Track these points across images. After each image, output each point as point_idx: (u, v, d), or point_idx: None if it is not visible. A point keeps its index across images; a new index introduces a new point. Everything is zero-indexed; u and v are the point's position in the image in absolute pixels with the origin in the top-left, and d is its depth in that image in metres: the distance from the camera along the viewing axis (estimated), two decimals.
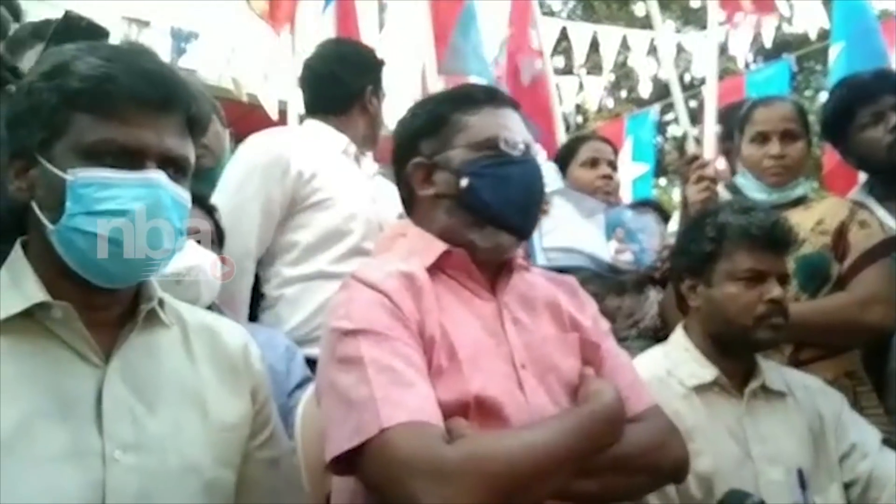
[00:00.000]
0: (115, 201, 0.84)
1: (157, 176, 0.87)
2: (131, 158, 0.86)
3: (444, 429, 0.89)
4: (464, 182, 1.07)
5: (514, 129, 1.11)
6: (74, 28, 1.17)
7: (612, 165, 2.16)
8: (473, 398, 0.96)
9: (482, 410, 0.96)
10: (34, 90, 0.87)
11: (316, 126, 1.96)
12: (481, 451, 0.87)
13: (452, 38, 3.02)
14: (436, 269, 1.07)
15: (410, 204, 1.17)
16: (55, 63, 0.88)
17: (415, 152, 1.12)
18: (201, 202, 1.53)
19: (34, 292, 0.86)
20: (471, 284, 1.09)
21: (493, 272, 1.11)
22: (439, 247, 1.08)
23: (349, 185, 1.87)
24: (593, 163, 2.11)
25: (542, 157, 1.51)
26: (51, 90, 0.86)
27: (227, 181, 1.81)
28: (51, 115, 0.86)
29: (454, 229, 1.09)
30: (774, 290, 1.34)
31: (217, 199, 1.70)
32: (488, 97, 1.13)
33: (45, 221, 0.86)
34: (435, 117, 1.12)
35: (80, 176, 0.85)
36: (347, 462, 0.89)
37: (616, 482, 0.96)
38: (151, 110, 0.88)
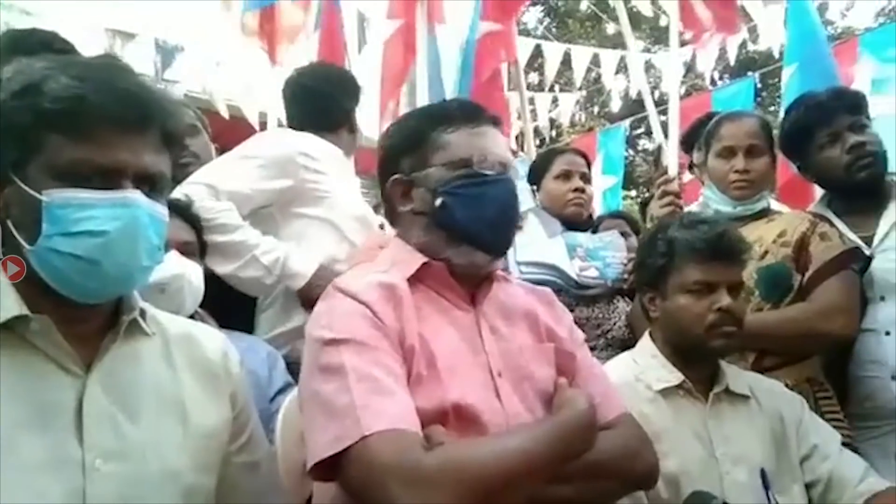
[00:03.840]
0: (93, 222, 0.84)
1: (134, 195, 0.87)
2: (107, 178, 0.86)
3: (423, 436, 0.92)
4: (438, 201, 1.09)
5: (489, 147, 1.11)
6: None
7: (585, 178, 2.17)
8: (451, 406, 0.98)
9: (460, 418, 0.98)
10: (5, 109, 0.85)
11: (310, 135, 2.02)
12: (458, 457, 0.89)
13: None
14: (415, 280, 1.09)
15: (393, 218, 1.19)
16: (26, 82, 0.85)
17: (395, 169, 1.14)
18: (185, 213, 1.54)
19: (12, 306, 0.86)
20: (450, 295, 1.11)
21: (473, 283, 1.14)
22: (419, 259, 1.10)
23: (347, 185, 1.97)
24: (566, 176, 2.12)
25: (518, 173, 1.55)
26: (22, 110, 0.84)
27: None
28: (23, 136, 0.84)
29: (431, 246, 1.11)
30: (724, 300, 1.38)
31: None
32: (465, 115, 1.14)
33: (22, 241, 0.85)
34: (414, 135, 1.14)
35: (56, 197, 0.83)
36: (328, 468, 0.91)
37: (588, 488, 0.99)
38: (126, 130, 0.87)
